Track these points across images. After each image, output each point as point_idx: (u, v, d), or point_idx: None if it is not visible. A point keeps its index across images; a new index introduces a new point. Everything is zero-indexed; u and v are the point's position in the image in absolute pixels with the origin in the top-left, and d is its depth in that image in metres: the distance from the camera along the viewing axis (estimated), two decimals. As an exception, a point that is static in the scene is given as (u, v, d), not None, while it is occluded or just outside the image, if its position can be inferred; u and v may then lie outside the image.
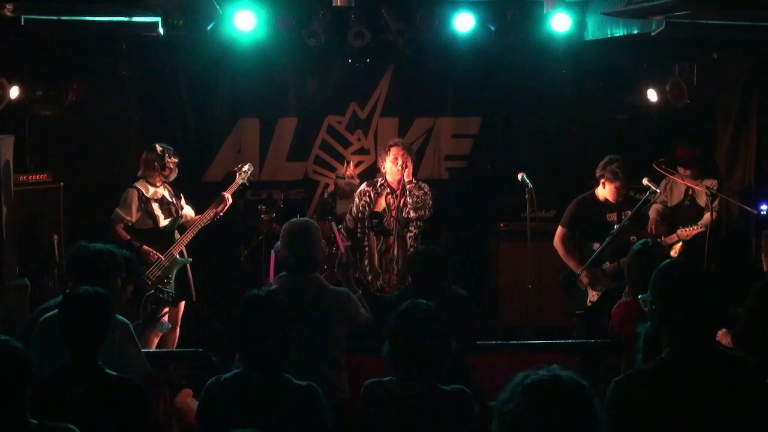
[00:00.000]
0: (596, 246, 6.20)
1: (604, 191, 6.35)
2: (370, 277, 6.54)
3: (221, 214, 6.51)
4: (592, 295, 6.26)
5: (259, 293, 3.32)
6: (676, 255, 6.56)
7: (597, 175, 6.39)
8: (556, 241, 6.51)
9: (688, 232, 6.60)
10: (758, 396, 2.61)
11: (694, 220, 6.71)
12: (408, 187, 6.47)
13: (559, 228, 6.54)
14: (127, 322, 4.10)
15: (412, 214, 6.48)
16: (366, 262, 6.57)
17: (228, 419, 3.02)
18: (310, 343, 4.16)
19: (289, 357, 3.26)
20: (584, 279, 6.23)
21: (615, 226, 6.16)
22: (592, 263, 6.14)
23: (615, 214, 6.32)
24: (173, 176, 6.50)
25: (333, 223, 6.54)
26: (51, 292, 6.30)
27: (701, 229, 6.59)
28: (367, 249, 6.59)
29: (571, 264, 6.37)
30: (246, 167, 6.72)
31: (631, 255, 4.63)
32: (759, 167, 7.05)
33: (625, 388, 2.64)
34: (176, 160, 6.47)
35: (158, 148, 6.39)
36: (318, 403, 3.23)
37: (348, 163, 7.65)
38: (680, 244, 6.67)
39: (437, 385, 3.18)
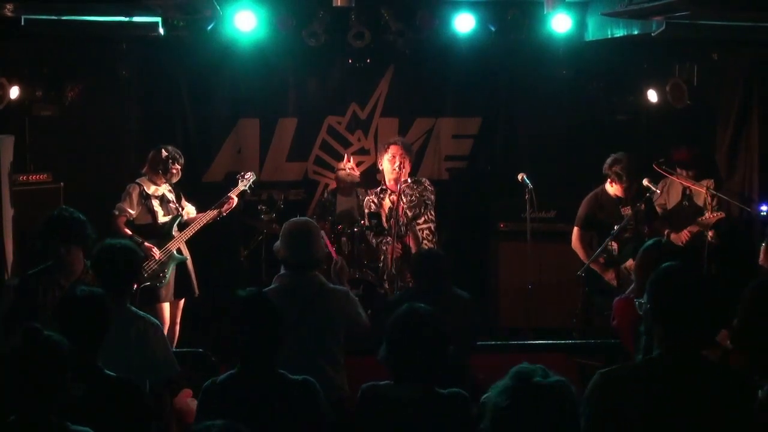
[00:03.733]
0: (614, 246, 6.16)
1: (613, 188, 6.34)
2: (381, 280, 6.55)
3: (225, 213, 6.53)
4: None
5: (245, 293, 3.32)
6: (711, 239, 6.43)
7: (604, 172, 6.37)
8: (574, 243, 6.49)
9: (708, 218, 6.44)
10: (739, 414, 2.59)
11: (693, 220, 6.70)
12: (402, 187, 6.48)
13: (575, 229, 6.51)
14: (158, 323, 4.19)
15: (409, 213, 6.49)
16: (381, 265, 6.59)
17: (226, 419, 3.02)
18: (309, 341, 4.16)
19: (289, 354, 3.27)
20: (612, 280, 6.17)
21: (615, 227, 6.15)
22: (606, 263, 6.09)
23: (628, 207, 6.27)
24: (175, 180, 6.52)
25: (322, 232, 6.56)
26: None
27: (722, 215, 6.45)
28: (383, 250, 6.61)
29: (594, 266, 6.29)
30: (248, 175, 6.74)
31: (641, 253, 4.58)
32: (760, 168, 7.04)
33: (607, 380, 2.64)
34: (180, 167, 6.47)
35: (164, 152, 6.39)
36: (315, 396, 3.23)
37: (347, 157, 7.62)
38: (711, 232, 6.51)
39: (434, 389, 3.16)
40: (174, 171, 6.43)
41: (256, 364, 3.21)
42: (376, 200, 6.72)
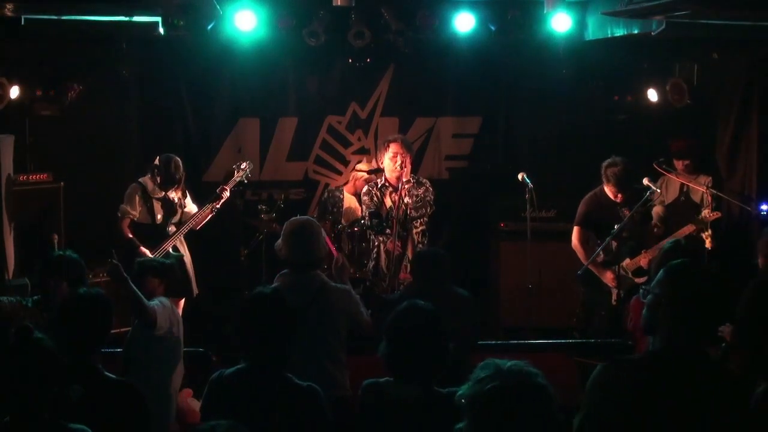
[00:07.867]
0: (613, 246, 6.16)
1: (608, 189, 6.34)
2: (376, 279, 6.54)
3: (218, 207, 6.49)
4: (618, 294, 6.16)
5: (263, 290, 3.32)
6: (708, 245, 6.44)
7: (601, 172, 6.37)
8: (574, 243, 6.47)
9: (705, 216, 6.45)
10: (734, 415, 2.59)
11: (689, 218, 6.69)
12: (407, 186, 6.46)
13: (575, 228, 6.50)
14: None
15: (413, 214, 6.48)
16: (373, 263, 6.58)
17: (231, 414, 3.02)
18: (312, 340, 4.16)
19: (292, 353, 3.25)
20: (610, 282, 6.16)
21: (615, 227, 6.15)
22: (604, 262, 6.08)
23: (627, 209, 6.24)
24: (174, 188, 6.51)
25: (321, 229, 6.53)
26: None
27: (719, 215, 6.46)
28: (375, 249, 6.59)
29: (592, 266, 6.27)
30: (244, 165, 6.71)
31: (661, 254, 4.57)
32: (760, 167, 7.04)
33: (607, 373, 2.64)
34: (176, 182, 6.44)
35: (160, 163, 6.38)
36: (320, 404, 3.22)
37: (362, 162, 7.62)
38: (709, 231, 6.51)
39: (433, 388, 3.14)
40: (169, 186, 6.42)
41: (265, 363, 3.20)
42: (378, 194, 6.67)
